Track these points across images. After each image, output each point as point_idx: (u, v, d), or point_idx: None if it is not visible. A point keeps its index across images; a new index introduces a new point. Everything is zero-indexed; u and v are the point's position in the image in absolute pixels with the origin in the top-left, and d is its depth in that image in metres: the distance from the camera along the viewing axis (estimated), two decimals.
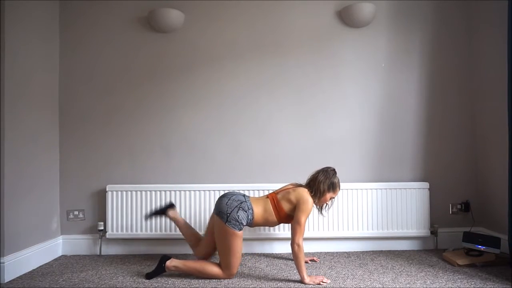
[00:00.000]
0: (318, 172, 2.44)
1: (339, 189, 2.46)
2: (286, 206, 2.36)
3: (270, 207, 2.38)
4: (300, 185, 2.46)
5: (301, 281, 2.26)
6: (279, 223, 2.43)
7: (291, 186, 2.46)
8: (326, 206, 2.51)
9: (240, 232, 2.27)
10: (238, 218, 2.26)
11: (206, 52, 3.04)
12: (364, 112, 3.05)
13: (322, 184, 2.37)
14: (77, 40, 3.02)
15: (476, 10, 3.03)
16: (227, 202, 2.30)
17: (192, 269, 2.35)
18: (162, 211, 2.64)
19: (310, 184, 2.43)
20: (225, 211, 2.27)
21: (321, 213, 2.53)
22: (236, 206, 2.28)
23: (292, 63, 3.05)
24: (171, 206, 2.68)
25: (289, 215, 2.37)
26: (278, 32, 3.06)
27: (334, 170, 2.46)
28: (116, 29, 3.04)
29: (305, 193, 2.34)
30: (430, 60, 3.08)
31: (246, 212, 2.30)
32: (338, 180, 2.45)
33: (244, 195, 2.39)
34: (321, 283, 2.23)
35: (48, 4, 2.88)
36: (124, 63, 3.03)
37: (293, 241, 2.27)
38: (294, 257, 2.27)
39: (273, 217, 2.38)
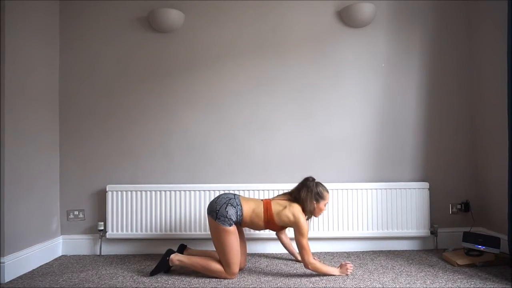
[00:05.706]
0: (299, 190, 2.40)
1: (328, 192, 2.43)
2: (278, 220, 2.34)
3: (261, 210, 2.36)
4: (294, 198, 2.42)
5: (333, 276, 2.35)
6: (264, 228, 2.41)
7: (286, 199, 2.44)
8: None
9: (231, 228, 2.28)
10: (227, 214, 2.28)
11: (206, 52, 3.04)
12: (364, 112, 3.05)
13: (308, 201, 2.36)
14: (77, 40, 3.02)
15: (476, 10, 3.03)
16: (216, 201, 2.35)
17: (196, 263, 2.36)
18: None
19: (298, 202, 2.40)
20: (215, 208, 2.31)
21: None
22: (225, 203, 2.32)
23: (292, 62, 3.05)
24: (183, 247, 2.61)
25: (278, 225, 2.37)
26: (278, 32, 3.06)
27: (313, 179, 2.43)
28: (116, 29, 3.04)
29: (300, 215, 2.32)
30: (430, 60, 3.08)
31: (235, 207, 2.32)
32: (322, 185, 2.43)
33: (234, 195, 2.42)
34: (349, 269, 2.38)
35: (48, 4, 2.88)
36: (124, 63, 3.03)
37: (305, 263, 2.31)
38: (315, 272, 2.35)
39: (260, 220, 2.35)
